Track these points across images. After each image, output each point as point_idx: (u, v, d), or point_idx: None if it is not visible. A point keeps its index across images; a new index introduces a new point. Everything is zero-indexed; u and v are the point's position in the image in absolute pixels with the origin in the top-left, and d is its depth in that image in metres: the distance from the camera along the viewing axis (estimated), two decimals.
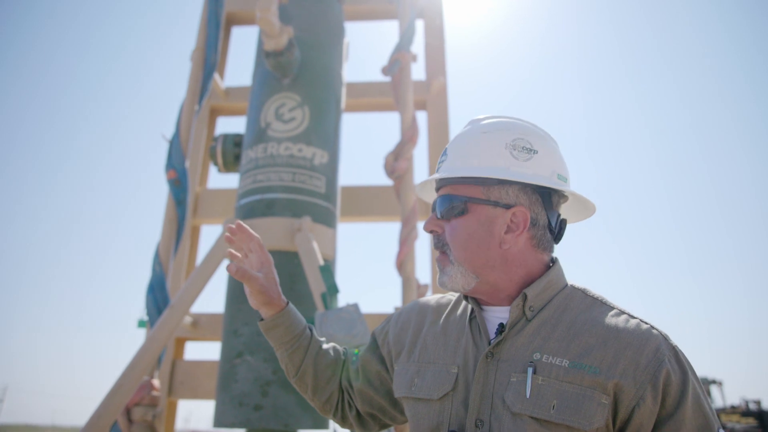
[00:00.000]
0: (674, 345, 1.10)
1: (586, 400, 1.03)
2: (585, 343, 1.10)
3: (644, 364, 1.05)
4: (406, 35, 5.11)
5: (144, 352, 3.22)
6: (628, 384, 1.03)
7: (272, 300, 1.35)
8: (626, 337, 1.09)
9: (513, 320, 1.17)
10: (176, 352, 5.21)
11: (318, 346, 1.46)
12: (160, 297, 4.05)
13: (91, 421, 2.97)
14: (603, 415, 1.03)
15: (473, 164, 1.22)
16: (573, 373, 1.06)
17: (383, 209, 5.38)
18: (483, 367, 1.16)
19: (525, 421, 1.06)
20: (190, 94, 4.90)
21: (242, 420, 3.35)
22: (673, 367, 1.06)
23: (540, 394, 1.06)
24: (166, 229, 4.35)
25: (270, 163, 3.95)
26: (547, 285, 1.20)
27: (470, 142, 1.25)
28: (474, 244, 1.20)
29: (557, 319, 1.16)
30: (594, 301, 1.20)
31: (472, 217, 1.21)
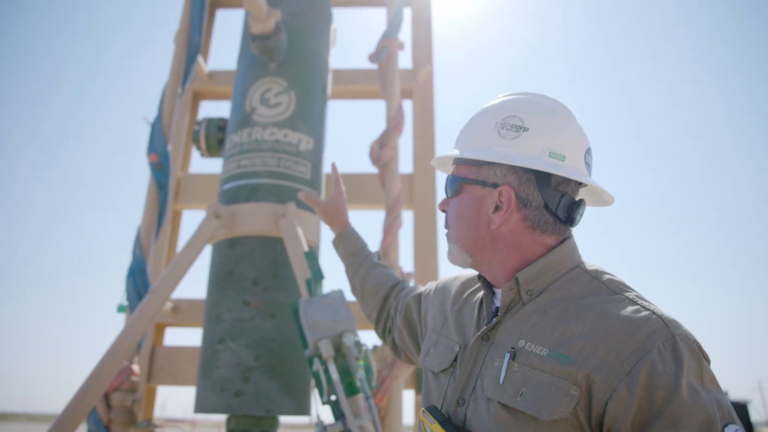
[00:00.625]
0: (676, 334, 0.97)
1: (553, 389, 0.99)
2: (569, 331, 1.04)
3: (625, 354, 0.96)
4: (394, 22, 5.09)
5: (124, 337, 3.17)
6: (603, 376, 0.96)
7: (334, 222, 1.82)
8: (614, 325, 1.00)
9: (505, 304, 1.15)
10: (156, 337, 5.16)
11: (367, 269, 1.74)
12: (141, 282, 4.01)
13: (70, 406, 2.92)
14: (568, 405, 0.97)
15: (470, 144, 1.23)
16: (548, 362, 1.02)
17: (368, 197, 5.37)
18: (475, 348, 1.16)
19: (495, 406, 1.05)
20: (173, 77, 4.84)
21: (223, 406, 3.33)
22: (664, 358, 0.94)
23: (512, 381, 1.04)
24: (148, 213, 4.29)
25: (255, 148, 3.91)
26: (546, 267, 1.15)
27: (474, 122, 1.27)
28: (464, 223, 1.22)
29: (551, 305, 1.11)
30: (599, 287, 1.11)
31: (464, 197, 1.23)
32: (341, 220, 1.83)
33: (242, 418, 3.36)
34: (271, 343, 3.44)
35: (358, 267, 1.76)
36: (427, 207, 5.25)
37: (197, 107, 6.20)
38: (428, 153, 5.48)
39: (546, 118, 1.19)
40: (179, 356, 4.92)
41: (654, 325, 0.98)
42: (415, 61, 5.90)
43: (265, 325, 3.47)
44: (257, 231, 3.64)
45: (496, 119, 1.20)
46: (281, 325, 3.50)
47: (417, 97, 5.74)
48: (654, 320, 0.99)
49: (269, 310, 3.51)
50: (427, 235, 5.12)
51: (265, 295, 3.53)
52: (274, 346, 3.45)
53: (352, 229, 1.84)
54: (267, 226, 3.62)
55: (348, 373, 2.71)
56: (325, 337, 2.68)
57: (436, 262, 5.01)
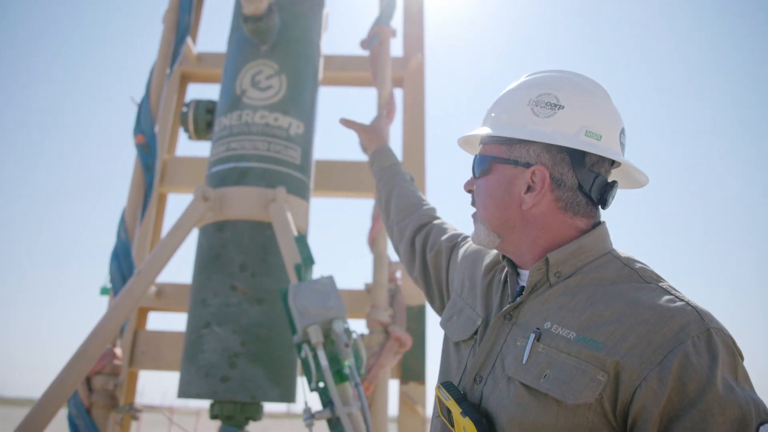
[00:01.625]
0: (711, 327, 0.95)
1: (579, 373, 0.96)
2: (599, 315, 1.02)
3: (657, 343, 0.94)
4: (387, 9, 5.03)
5: (109, 319, 3.11)
6: (632, 363, 0.93)
7: (373, 140, 1.98)
8: (645, 313, 0.98)
9: (531, 284, 1.13)
10: (139, 322, 5.09)
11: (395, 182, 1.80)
12: (125, 264, 3.93)
13: (51, 389, 2.86)
14: (594, 390, 0.94)
15: (501, 122, 1.20)
16: (575, 346, 1.00)
17: (357, 185, 5.32)
18: (497, 326, 1.15)
19: (516, 386, 1.04)
20: (161, 57, 4.73)
21: (208, 391, 3.29)
22: (698, 350, 0.92)
23: (536, 362, 1.03)
24: (133, 195, 4.21)
25: (245, 131, 3.85)
26: (578, 250, 1.12)
27: (507, 98, 1.23)
28: (493, 203, 1.19)
29: (580, 288, 1.08)
30: (630, 273, 1.09)
31: (493, 177, 1.20)
32: (380, 139, 1.98)
33: (227, 404, 3.32)
34: (258, 329, 3.40)
35: (388, 180, 1.84)
36: None
37: (185, 89, 6.10)
38: (418, 143, 5.44)
39: (582, 97, 1.16)
40: (162, 341, 4.86)
41: (688, 316, 0.96)
42: (406, 49, 5.85)
43: (253, 311, 3.43)
44: (246, 215, 3.59)
45: (529, 96, 1.17)
46: (269, 310, 3.46)
47: (407, 86, 5.69)
48: (689, 311, 0.97)
49: (257, 295, 3.46)
50: None
51: (253, 281, 3.49)
52: (261, 331, 3.41)
53: (388, 146, 1.97)
54: (256, 210, 3.57)
55: (337, 360, 2.68)
56: (314, 323, 2.66)
57: None
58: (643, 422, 0.93)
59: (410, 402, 4.46)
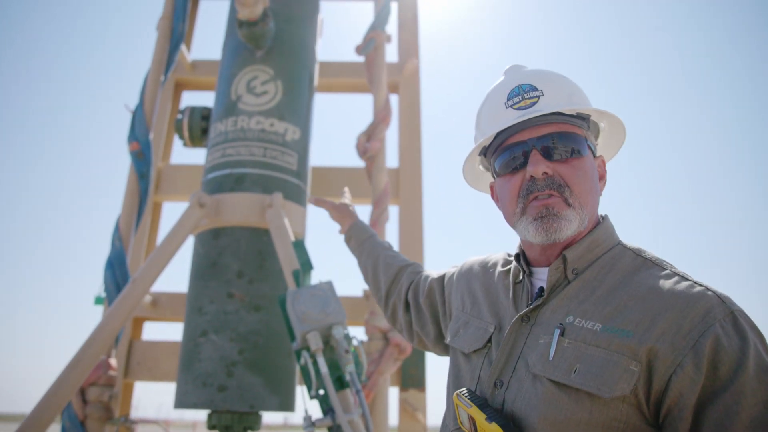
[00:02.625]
0: (734, 309, 0.94)
1: (611, 365, 0.94)
2: (622, 305, 1.00)
3: (687, 328, 0.92)
4: (382, 14, 5.03)
5: (103, 328, 3.05)
6: (665, 350, 0.91)
7: (346, 218, 1.92)
8: (670, 299, 0.97)
9: (552, 284, 1.10)
10: (134, 332, 5.02)
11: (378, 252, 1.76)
12: (120, 273, 3.88)
13: (44, 401, 2.79)
14: (629, 382, 0.92)
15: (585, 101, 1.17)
16: (603, 337, 0.97)
17: (354, 191, 5.27)
18: (515, 329, 1.11)
19: (543, 384, 1.00)
20: (155, 65, 4.71)
21: (206, 401, 3.22)
22: (727, 332, 0.91)
23: (563, 357, 0.99)
24: (128, 203, 4.16)
25: (240, 137, 3.81)
26: (592, 244, 1.11)
27: (560, 80, 1.16)
28: (594, 187, 1.14)
29: (599, 281, 1.07)
30: (644, 262, 1.08)
31: (588, 160, 1.14)
32: (352, 215, 1.95)
33: (224, 413, 3.25)
34: (255, 337, 3.35)
35: (370, 251, 1.79)
36: (412, 201, 5.19)
37: (179, 97, 6.07)
38: (414, 147, 5.42)
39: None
40: (158, 351, 4.79)
41: (711, 300, 0.95)
42: (401, 55, 5.85)
43: (250, 318, 3.37)
44: (242, 221, 3.54)
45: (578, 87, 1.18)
46: (266, 318, 3.40)
47: (403, 91, 5.68)
48: (710, 296, 0.96)
49: (254, 302, 3.41)
50: (413, 230, 5.06)
51: (250, 287, 3.44)
52: (258, 339, 3.35)
53: (360, 221, 1.93)
54: (253, 217, 3.52)
55: (337, 366, 2.63)
56: (313, 329, 2.61)
57: (422, 257, 4.95)
58: (679, 410, 0.90)
59: (410, 409, 4.40)
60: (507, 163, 1.15)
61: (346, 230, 1.91)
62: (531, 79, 1.15)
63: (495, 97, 1.20)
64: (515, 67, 1.23)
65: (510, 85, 1.17)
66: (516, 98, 1.14)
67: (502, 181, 1.17)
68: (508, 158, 1.14)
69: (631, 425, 0.93)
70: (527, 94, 1.13)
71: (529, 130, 1.12)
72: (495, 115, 1.18)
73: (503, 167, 1.16)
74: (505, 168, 1.15)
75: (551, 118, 1.11)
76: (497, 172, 1.19)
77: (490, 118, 1.19)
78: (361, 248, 1.83)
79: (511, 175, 1.14)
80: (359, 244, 1.84)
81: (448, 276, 1.51)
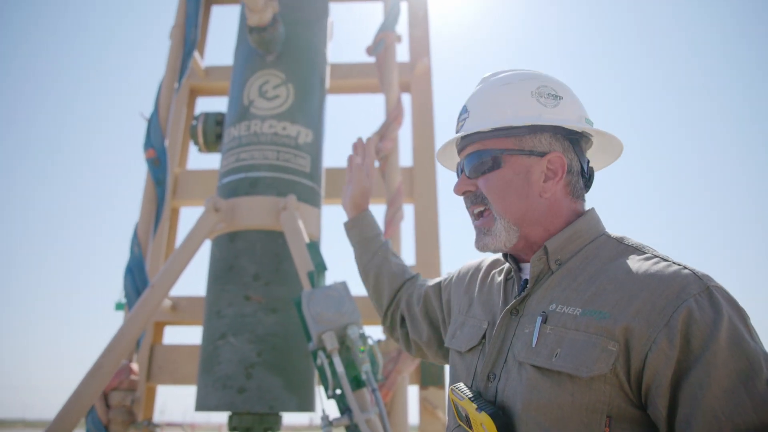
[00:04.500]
0: (711, 285, 0.96)
1: (590, 346, 0.96)
2: (601, 289, 1.02)
3: (661, 305, 0.94)
4: (391, 15, 5.04)
5: (123, 333, 3.10)
6: (640, 328, 0.93)
7: (358, 206, 1.72)
8: (645, 278, 0.99)
9: (535, 275, 1.14)
10: (155, 336, 5.09)
11: (384, 257, 1.68)
12: (139, 279, 3.94)
13: (67, 406, 2.85)
14: (607, 362, 0.93)
15: (502, 116, 1.19)
16: (582, 321, 1.00)
17: None
18: (504, 322, 1.14)
19: (527, 370, 1.03)
20: (169, 72, 4.78)
21: (226, 403, 3.26)
22: (701, 306, 0.92)
23: (545, 343, 1.02)
24: (145, 210, 4.23)
25: (254, 141, 3.85)
26: (573, 235, 1.15)
27: (492, 95, 1.22)
28: (513, 194, 1.18)
29: (581, 269, 1.10)
30: (626, 249, 1.11)
31: (507, 169, 1.18)
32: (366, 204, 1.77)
33: (245, 415, 3.29)
34: (273, 339, 3.38)
35: (375, 254, 1.70)
36: (428, 200, 5.19)
37: (194, 103, 6.14)
38: (428, 146, 5.42)
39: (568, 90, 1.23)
40: (178, 355, 4.85)
41: (687, 278, 0.97)
42: (413, 54, 5.85)
43: (268, 320, 3.41)
44: (257, 224, 3.58)
45: (529, 89, 1.19)
46: (283, 319, 3.44)
47: (415, 90, 5.68)
48: (686, 273, 0.98)
49: (271, 304, 3.44)
50: (429, 229, 5.06)
51: (267, 290, 3.47)
52: (276, 341, 3.38)
53: (370, 213, 1.77)
54: (267, 220, 3.56)
55: (353, 366, 2.65)
56: (329, 330, 2.63)
57: (438, 256, 4.95)
58: (657, 386, 0.91)
59: (431, 407, 4.40)
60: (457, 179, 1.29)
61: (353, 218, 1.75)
62: (471, 99, 1.26)
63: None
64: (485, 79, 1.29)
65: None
66: (458, 120, 1.28)
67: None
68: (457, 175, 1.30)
69: (616, 407, 0.94)
70: (461, 117, 1.26)
71: (463, 150, 1.25)
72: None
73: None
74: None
75: (476, 137, 1.21)
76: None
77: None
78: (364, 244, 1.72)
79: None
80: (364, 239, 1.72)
81: (445, 282, 1.54)
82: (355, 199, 1.73)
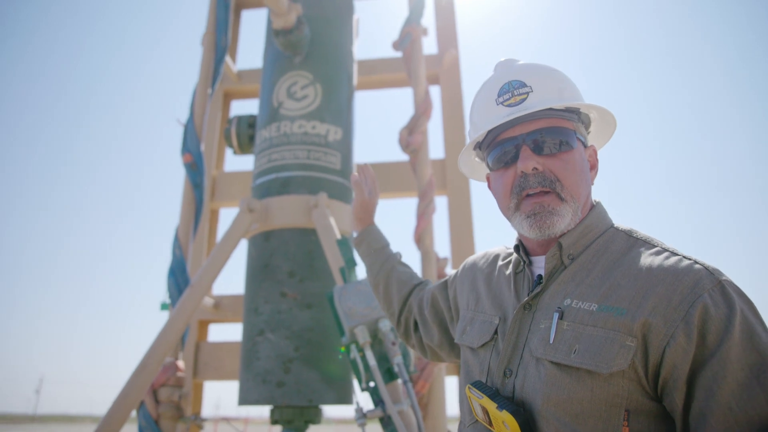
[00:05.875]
0: (722, 279, 0.96)
1: (608, 342, 0.96)
2: (616, 284, 1.03)
3: (677, 300, 0.94)
4: (416, 8, 5.04)
5: (166, 333, 3.25)
6: (657, 323, 0.94)
7: (365, 218, 1.76)
8: (659, 273, 0.99)
9: (549, 270, 1.13)
10: (200, 334, 5.27)
11: (392, 266, 1.70)
12: (182, 279, 4.09)
13: (118, 401, 3.01)
14: (626, 357, 0.94)
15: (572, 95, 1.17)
16: (599, 317, 1.00)
17: (400, 184, 5.35)
18: (519, 317, 1.14)
19: (546, 366, 1.03)
20: (202, 78, 4.90)
21: (266, 397, 3.37)
22: (715, 301, 0.93)
23: (563, 339, 1.02)
24: (185, 213, 4.37)
25: (284, 141, 3.94)
26: (585, 230, 1.14)
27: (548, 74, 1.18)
28: (584, 179, 1.16)
29: (593, 264, 1.10)
30: (636, 242, 1.11)
31: (577, 152, 1.15)
32: (371, 219, 1.80)
33: (285, 408, 3.40)
34: (309, 333, 3.47)
35: (382, 264, 1.72)
36: (461, 191, 5.20)
37: (228, 106, 6.29)
38: (459, 137, 5.42)
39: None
40: (222, 351, 5.02)
41: (699, 272, 0.97)
42: (440, 45, 5.84)
43: (303, 316, 3.50)
44: (290, 223, 3.67)
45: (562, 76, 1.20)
46: (318, 315, 3.52)
47: (444, 81, 5.68)
48: (698, 268, 0.98)
49: (306, 300, 3.53)
50: (463, 219, 5.08)
51: (302, 286, 3.56)
52: (312, 336, 3.47)
53: (376, 226, 1.81)
54: (300, 218, 3.64)
55: (385, 358, 2.70)
56: (360, 324, 2.68)
57: (473, 246, 4.96)
58: (674, 380, 0.93)
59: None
60: (499, 158, 1.17)
61: (360, 233, 1.80)
62: (521, 74, 1.17)
63: (486, 93, 1.21)
64: (507, 62, 1.24)
65: (501, 82, 1.18)
66: (506, 95, 1.16)
67: (496, 175, 1.20)
68: (499, 154, 1.16)
69: (634, 400, 0.95)
70: (517, 91, 1.15)
71: (519, 126, 1.14)
72: (486, 112, 1.20)
73: (496, 162, 1.18)
74: (497, 163, 1.18)
75: (541, 114, 1.13)
76: (490, 167, 1.22)
77: (482, 115, 1.21)
78: (373, 257, 1.75)
79: (504, 170, 1.17)
80: (373, 251, 1.76)
81: (450, 280, 1.53)
82: (357, 214, 1.77)
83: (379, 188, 1.81)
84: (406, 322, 1.65)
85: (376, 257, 1.74)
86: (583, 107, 1.18)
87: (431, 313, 1.53)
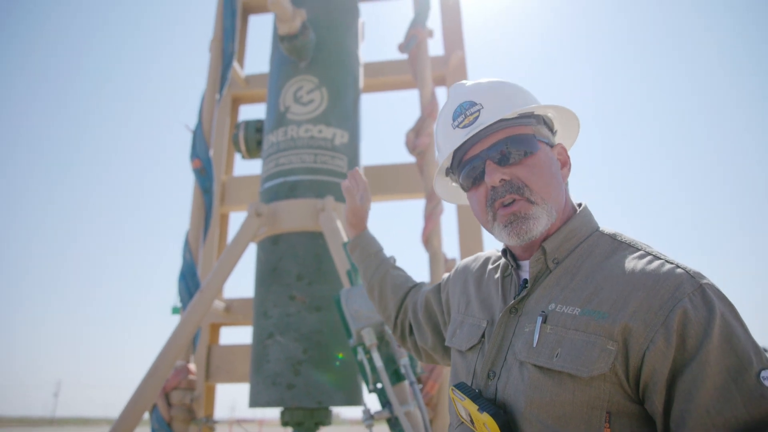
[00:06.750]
0: (703, 283, 0.97)
1: (590, 346, 0.97)
2: (599, 288, 1.04)
3: (657, 305, 0.95)
4: (421, 10, 5.07)
5: (177, 336, 3.29)
6: (638, 327, 0.95)
7: (358, 224, 1.78)
8: (641, 278, 1.00)
9: (533, 275, 1.15)
10: (211, 337, 5.32)
11: (386, 270, 1.72)
12: (192, 283, 4.14)
13: (130, 404, 3.06)
14: (606, 361, 0.96)
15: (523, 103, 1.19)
16: (581, 321, 1.01)
17: (407, 186, 5.37)
18: (504, 321, 1.15)
19: (529, 369, 1.04)
20: (210, 84, 4.96)
21: (276, 399, 3.41)
22: (695, 305, 0.94)
23: (546, 343, 1.03)
24: (194, 218, 4.43)
25: (291, 145, 3.98)
26: (569, 234, 1.16)
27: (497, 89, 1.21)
28: (553, 179, 1.17)
29: (578, 268, 1.11)
30: (620, 245, 1.12)
31: (542, 154, 1.17)
32: (363, 225, 1.82)
33: (296, 410, 3.43)
34: (318, 336, 3.51)
35: (376, 268, 1.74)
36: None
37: (237, 111, 6.35)
38: None
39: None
40: (234, 354, 5.07)
41: (680, 277, 0.98)
42: (446, 47, 5.85)
43: (312, 319, 3.53)
44: (298, 227, 3.71)
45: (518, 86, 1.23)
46: (327, 317, 3.56)
47: (450, 83, 5.68)
48: (679, 272, 0.99)
49: (314, 303, 3.57)
50: (471, 221, 5.08)
51: (310, 289, 3.60)
52: (321, 338, 3.51)
53: (368, 232, 1.83)
54: (307, 222, 3.68)
55: (392, 360, 2.73)
56: (367, 326, 2.70)
57: (481, 247, 4.96)
58: (654, 384, 0.94)
59: None
60: (467, 177, 1.20)
61: (353, 239, 1.82)
62: (470, 95, 1.21)
63: (444, 119, 1.26)
64: (457, 86, 1.28)
65: (453, 105, 1.23)
66: (460, 117, 1.20)
67: (470, 194, 1.23)
68: (467, 173, 1.20)
69: (615, 402, 0.97)
70: (468, 111, 1.19)
71: (479, 143, 1.17)
72: (447, 136, 1.24)
73: (466, 182, 1.21)
74: (468, 183, 1.21)
75: (496, 126, 1.16)
76: (464, 187, 1.25)
77: (445, 140, 1.25)
78: (367, 261, 1.77)
79: (476, 188, 1.20)
80: (366, 256, 1.78)
81: (443, 283, 1.55)
82: (349, 220, 1.79)
83: (370, 194, 1.80)
84: (402, 325, 1.66)
85: (370, 262, 1.76)
86: (537, 109, 1.20)
87: (425, 316, 1.55)
